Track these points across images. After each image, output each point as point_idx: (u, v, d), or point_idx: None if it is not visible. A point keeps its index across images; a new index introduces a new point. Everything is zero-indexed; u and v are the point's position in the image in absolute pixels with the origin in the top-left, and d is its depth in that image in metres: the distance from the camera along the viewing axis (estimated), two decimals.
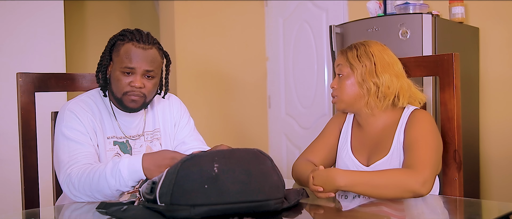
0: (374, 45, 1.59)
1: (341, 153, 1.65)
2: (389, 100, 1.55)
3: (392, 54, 1.60)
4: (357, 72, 1.56)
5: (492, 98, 2.92)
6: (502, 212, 1.22)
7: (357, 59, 1.56)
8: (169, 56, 1.65)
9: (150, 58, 1.53)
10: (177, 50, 3.65)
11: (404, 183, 1.34)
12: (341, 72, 1.60)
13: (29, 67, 2.92)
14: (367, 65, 1.55)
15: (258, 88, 4.13)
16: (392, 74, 1.55)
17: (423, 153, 1.42)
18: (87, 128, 1.53)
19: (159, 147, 1.68)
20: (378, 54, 1.56)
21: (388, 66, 1.56)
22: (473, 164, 2.90)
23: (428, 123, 1.51)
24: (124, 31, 1.56)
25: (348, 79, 1.58)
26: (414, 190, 1.33)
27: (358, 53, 1.57)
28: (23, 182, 1.67)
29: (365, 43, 1.61)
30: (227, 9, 3.91)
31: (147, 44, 1.53)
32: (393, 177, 1.35)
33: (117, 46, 1.55)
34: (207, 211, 1.05)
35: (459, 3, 2.82)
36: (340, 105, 1.62)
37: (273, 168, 1.18)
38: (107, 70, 1.58)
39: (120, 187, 1.36)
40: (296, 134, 3.94)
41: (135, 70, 1.52)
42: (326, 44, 3.66)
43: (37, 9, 3.02)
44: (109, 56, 1.57)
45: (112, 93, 1.58)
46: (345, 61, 1.59)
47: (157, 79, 1.58)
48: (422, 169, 1.36)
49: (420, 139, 1.46)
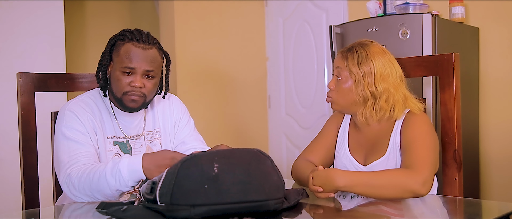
0: (375, 51, 1.55)
1: (339, 153, 1.65)
2: (384, 113, 1.54)
3: (392, 59, 1.57)
4: (356, 79, 1.53)
5: (492, 98, 2.92)
6: (502, 212, 1.21)
7: (357, 66, 1.53)
8: (169, 56, 1.65)
9: (150, 58, 1.53)
10: (177, 50, 3.65)
11: (403, 183, 1.34)
12: (340, 75, 1.57)
13: (29, 67, 2.92)
14: (367, 73, 1.52)
15: (258, 88, 4.13)
16: (390, 85, 1.53)
17: (421, 153, 1.42)
18: (87, 128, 1.53)
19: (159, 147, 1.68)
20: (378, 62, 1.53)
21: (387, 76, 1.53)
22: (473, 164, 2.90)
23: (424, 123, 1.51)
24: (124, 31, 1.56)
25: (345, 84, 1.55)
26: (414, 190, 1.33)
27: (359, 59, 1.53)
28: (23, 182, 1.67)
29: (366, 47, 1.56)
30: (227, 9, 3.91)
31: (147, 44, 1.53)
32: (392, 178, 1.35)
33: (117, 46, 1.55)
34: (207, 211, 1.05)
35: (459, 3, 2.82)
36: (335, 107, 1.61)
37: (273, 168, 1.18)
38: (107, 70, 1.58)
39: (120, 187, 1.36)
40: (296, 134, 3.94)
41: (135, 70, 1.52)
42: (326, 44, 3.66)
43: (37, 9, 3.02)
44: (109, 56, 1.57)
45: (112, 93, 1.58)
46: (344, 65, 1.56)
47: (157, 79, 1.58)
48: (421, 169, 1.36)
49: (417, 139, 1.46)
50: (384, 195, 1.35)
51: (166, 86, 1.69)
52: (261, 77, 4.16)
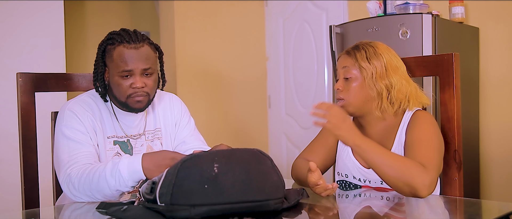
0: (381, 46, 1.56)
1: (342, 154, 1.64)
2: (400, 104, 1.53)
3: (398, 56, 1.58)
4: (367, 74, 1.51)
5: (492, 98, 2.92)
6: (502, 212, 1.21)
7: (367, 61, 1.51)
8: (161, 48, 1.62)
9: (144, 56, 1.52)
10: (177, 50, 3.65)
11: (411, 175, 1.33)
12: (348, 74, 1.54)
13: (29, 67, 2.92)
14: (378, 67, 1.51)
15: (258, 88, 4.13)
16: (402, 77, 1.53)
17: (428, 153, 1.41)
18: (87, 127, 1.53)
19: (160, 147, 1.68)
20: (387, 56, 1.53)
21: (397, 69, 1.53)
22: (473, 164, 2.90)
23: (432, 124, 1.50)
24: (111, 34, 1.54)
25: (356, 81, 1.53)
26: (415, 187, 1.32)
27: (367, 54, 1.52)
28: (23, 182, 1.67)
29: (372, 44, 1.56)
30: (227, 9, 3.91)
31: (137, 42, 1.51)
32: (404, 164, 1.35)
33: (108, 52, 1.53)
34: (207, 211, 1.05)
35: (459, 3, 2.82)
36: (348, 109, 1.55)
37: (273, 168, 1.18)
38: (104, 76, 1.58)
39: (120, 187, 1.35)
40: (296, 134, 3.94)
41: (133, 71, 1.51)
42: (326, 44, 3.66)
43: (37, 9, 3.02)
44: (102, 63, 1.56)
45: (115, 98, 1.57)
46: (353, 62, 1.53)
47: (155, 74, 1.58)
48: (431, 170, 1.36)
49: (424, 139, 1.45)
50: (386, 175, 1.35)
51: (163, 78, 1.67)
52: (261, 77, 4.16)
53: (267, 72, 4.18)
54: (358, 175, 1.57)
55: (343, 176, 1.62)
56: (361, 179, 1.57)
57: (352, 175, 1.59)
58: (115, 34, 1.54)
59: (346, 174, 1.60)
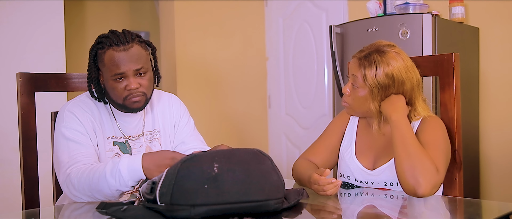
0: (394, 61, 1.49)
1: (344, 155, 1.64)
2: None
3: (410, 64, 1.53)
4: (373, 90, 1.50)
5: (492, 98, 2.92)
6: (502, 212, 1.22)
7: (375, 79, 1.49)
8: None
9: (135, 57, 1.50)
10: (177, 50, 3.65)
11: (423, 171, 1.34)
12: (355, 84, 1.53)
13: (29, 67, 2.92)
14: (384, 86, 1.49)
15: (258, 88, 4.13)
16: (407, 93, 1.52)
17: (436, 156, 1.42)
18: (87, 128, 1.53)
19: (158, 147, 1.68)
20: (397, 76, 1.49)
21: (404, 84, 1.51)
22: (473, 164, 2.90)
23: (441, 129, 1.51)
24: (100, 37, 1.53)
25: (360, 92, 1.53)
26: (421, 183, 1.33)
27: (377, 72, 1.48)
28: (23, 182, 1.67)
29: (384, 57, 1.50)
30: (227, 9, 3.91)
31: (126, 43, 1.50)
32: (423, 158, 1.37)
33: (99, 56, 1.53)
34: (207, 211, 1.05)
35: (459, 3, 2.82)
36: (351, 112, 1.60)
37: (273, 168, 1.18)
38: (99, 81, 1.57)
39: (120, 187, 1.35)
40: (296, 134, 3.94)
41: (125, 73, 1.49)
42: (326, 44, 3.66)
43: (37, 9, 3.02)
44: (95, 67, 1.55)
45: (112, 101, 1.57)
46: (361, 75, 1.51)
47: (150, 73, 1.56)
48: (440, 172, 1.38)
49: (432, 142, 1.45)
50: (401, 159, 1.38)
51: (158, 75, 1.65)
52: (261, 77, 4.16)
53: (267, 72, 4.18)
54: (360, 177, 1.57)
55: (345, 178, 1.62)
56: (364, 181, 1.57)
57: (355, 177, 1.59)
58: (103, 37, 1.52)
59: (349, 175, 1.60)
